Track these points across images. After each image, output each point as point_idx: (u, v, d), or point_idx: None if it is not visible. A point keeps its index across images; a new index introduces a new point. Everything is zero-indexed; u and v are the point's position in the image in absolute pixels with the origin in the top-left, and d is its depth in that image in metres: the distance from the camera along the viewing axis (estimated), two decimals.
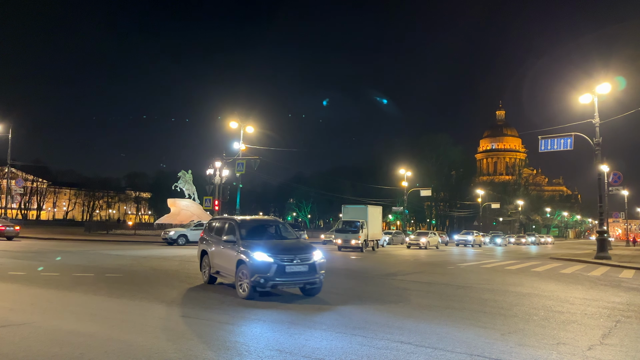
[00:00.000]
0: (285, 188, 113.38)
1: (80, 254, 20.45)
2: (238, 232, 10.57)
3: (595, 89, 24.54)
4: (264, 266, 9.40)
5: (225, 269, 10.82)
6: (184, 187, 51.49)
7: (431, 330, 7.56)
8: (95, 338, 6.56)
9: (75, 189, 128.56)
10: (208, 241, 12.06)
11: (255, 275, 9.39)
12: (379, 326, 7.82)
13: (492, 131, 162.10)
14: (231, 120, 32.60)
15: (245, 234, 10.61)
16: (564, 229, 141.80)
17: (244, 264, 9.70)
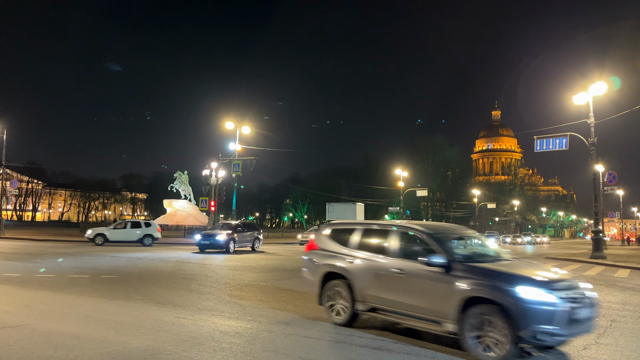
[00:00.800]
0: (281, 188, 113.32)
1: (75, 256, 20.37)
2: (443, 250, 6.64)
3: (590, 89, 24.63)
4: (545, 311, 5.68)
5: (412, 307, 6.77)
6: (180, 187, 51.45)
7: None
8: (90, 340, 6.54)
9: (70, 190, 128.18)
10: (339, 256, 7.98)
11: (531, 327, 5.61)
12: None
13: (488, 131, 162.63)
14: (227, 120, 32.59)
15: (453, 252, 6.71)
16: (559, 229, 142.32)
17: (492, 306, 5.88)
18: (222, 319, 8.15)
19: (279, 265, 18.67)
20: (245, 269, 16.83)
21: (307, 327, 7.70)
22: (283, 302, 10.04)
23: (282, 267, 18.16)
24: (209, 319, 8.17)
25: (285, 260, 21.35)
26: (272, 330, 7.43)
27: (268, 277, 14.61)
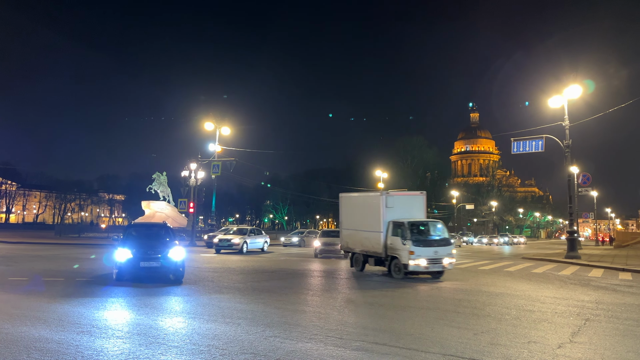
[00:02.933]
0: (261, 190, 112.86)
1: (50, 258, 19.96)
2: None
3: (565, 92, 25.13)
4: None
5: None
6: (159, 189, 50.86)
7: (405, 331, 7.62)
8: (65, 344, 6.41)
9: (45, 192, 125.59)
10: None
11: None
12: (354, 327, 7.86)
13: (466, 133, 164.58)
14: (207, 121, 32.33)
15: None
16: (536, 230, 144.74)
17: None
18: (201, 322, 8.07)
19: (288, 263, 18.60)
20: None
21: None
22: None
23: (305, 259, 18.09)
24: (186, 321, 8.08)
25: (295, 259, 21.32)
26: (251, 332, 7.39)
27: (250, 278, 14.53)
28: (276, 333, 7.27)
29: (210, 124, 32.15)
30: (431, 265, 14.38)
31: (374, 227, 15.98)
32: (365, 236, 16.56)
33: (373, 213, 16.11)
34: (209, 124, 32.18)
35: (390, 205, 15.37)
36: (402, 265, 14.46)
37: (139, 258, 12.11)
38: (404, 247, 14.34)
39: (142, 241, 13.07)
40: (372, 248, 16.10)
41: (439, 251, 14.44)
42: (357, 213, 17.73)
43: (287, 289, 12.69)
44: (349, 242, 17.91)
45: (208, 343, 6.63)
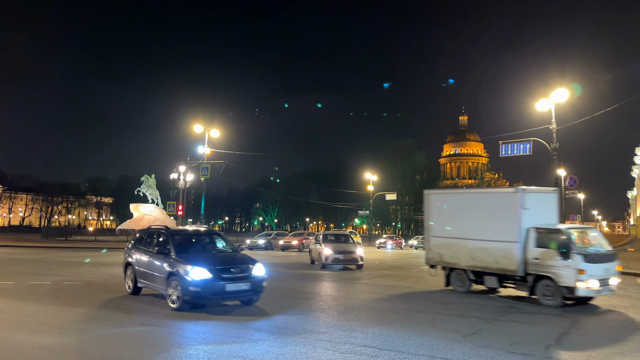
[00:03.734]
0: (251, 192, 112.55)
1: (36, 262, 19.73)
2: None
3: (552, 95, 25.36)
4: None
5: None
6: (147, 191, 50.46)
7: (394, 333, 7.64)
8: (50, 349, 6.35)
9: (32, 194, 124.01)
10: None
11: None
12: (343, 330, 7.86)
13: (455, 136, 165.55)
14: (196, 123, 32.16)
15: None
16: None
17: None
18: (194, 326, 8.02)
19: None
20: None
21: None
22: None
23: None
24: (175, 324, 8.03)
25: None
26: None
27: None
28: None
29: (199, 126, 31.97)
30: (603, 287, 10.51)
31: (500, 236, 11.98)
32: (482, 247, 12.39)
33: (499, 216, 12.24)
34: (198, 126, 32.00)
35: (528, 207, 11.59)
36: (560, 288, 10.46)
37: (222, 278, 9.07)
38: (565, 264, 10.38)
39: (207, 254, 10.34)
40: (496, 264, 11.95)
41: (609, 269, 10.76)
42: (465, 216, 13.24)
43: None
44: (444, 255, 13.54)
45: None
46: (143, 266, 10.61)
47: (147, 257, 10.53)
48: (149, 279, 10.35)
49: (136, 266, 10.83)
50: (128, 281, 11.17)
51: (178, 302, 9.08)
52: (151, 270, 10.23)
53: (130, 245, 11.70)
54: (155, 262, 10.09)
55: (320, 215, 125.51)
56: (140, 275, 10.68)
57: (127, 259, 11.35)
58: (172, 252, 9.81)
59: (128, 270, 11.25)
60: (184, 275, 8.96)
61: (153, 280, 10.16)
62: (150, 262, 10.35)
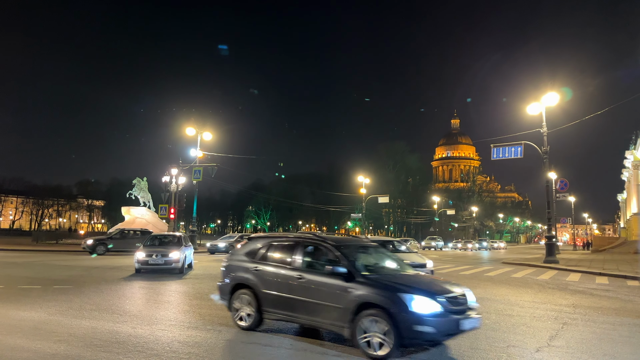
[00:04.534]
0: (243, 195, 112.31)
1: (26, 265, 19.56)
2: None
3: (542, 99, 25.61)
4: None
5: None
6: (139, 194, 50.17)
7: None
8: (41, 353, 6.30)
9: (22, 197, 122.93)
10: None
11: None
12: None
13: (448, 139, 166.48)
14: (188, 126, 32.12)
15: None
16: (515, 234, 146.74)
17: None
18: (181, 329, 7.99)
19: None
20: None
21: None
22: None
23: None
24: (166, 329, 7.99)
25: None
26: (232, 339, 7.34)
27: None
28: None
29: (191, 129, 31.96)
30: None
31: None
32: None
33: None
34: (190, 129, 31.99)
35: None
36: None
37: (453, 311, 6.39)
38: None
39: (400, 275, 7.32)
40: None
41: None
42: None
43: None
44: None
45: None
46: (282, 289, 7.41)
47: (290, 277, 7.36)
48: (299, 309, 7.13)
49: (264, 289, 7.64)
50: (243, 310, 7.88)
51: (386, 348, 6.20)
52: (307, 296, 7.08)
53: (236, 257, 8.55)
54: (320, 286, 6.95)
55: (313, 218, 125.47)
56: (275, 303, 7.47)
57: (237, 277, 8.16)
58: (353, 273, 6.75)
59: (241, 294, 7.98)
60: (402, 308, 6.13)
61: (312, 313, 7.01)
62: (302, 285, 7.15)
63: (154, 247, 17.58)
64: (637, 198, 56.40)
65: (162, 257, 16.57)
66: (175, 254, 16.70)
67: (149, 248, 17.36)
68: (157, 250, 17.06)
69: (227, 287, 8.31)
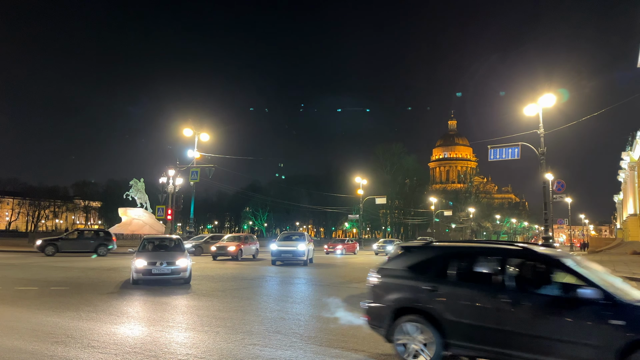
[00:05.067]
0: (241, 196, 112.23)
1: (23, 267, 19.50)
2: None
3: (539, 100, 25.65)
4: None
5: None
6: (136, 195, 50.17)
7: None
8: (38, 355, 6.28)
9: (18, 198, 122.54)
10: None
11: None
12: (353, 337, 7.86)
13: (445, 140, 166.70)
14: (185, 127, 32.07)
15: None
16: (512, 235, 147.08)
17: None
18: (179, 331, 7.98)
19: None
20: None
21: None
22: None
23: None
24: (164, 330, 7.98)
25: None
26: (232, 340, 7.34)
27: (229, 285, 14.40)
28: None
29: (189, 130, 31.90)
30: None
31: None
32: None
33: None
34: (187, 130, 31.93)
35: None
36: None
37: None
38: None
39: None
40: None
41: None
42: None
43: None
44: None
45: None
46: (485, 318, 5.65)
47: (500, 301, 5.58)
48: (518, 345, 5.37)
49: (451, 316, 5.88)
50: (414, 343, 6.10)
51: None
52: (533, 330, 5.34)
53: (392, 272, 6.74)
54: (555, 316, 5.24)
55: (311, 219, 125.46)
56: (471, 334, 5.72)
57: (402, 299, 6.38)
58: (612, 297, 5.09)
59: (408, 321, 6.20)
60: None
61: (541, 351, 5.24)
62: (521, 314, 5.43)
63: (155, 253, 14.78)
64: (634, 199, 56.58)
65: (169, 266, 13.85)
66: (182, 261, 14.10)
67: (150, 254, 14.47)
68: (161, 256, 14.26)
69: (385, 311, 6.39)
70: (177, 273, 13.99)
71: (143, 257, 14.07)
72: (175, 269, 13.93)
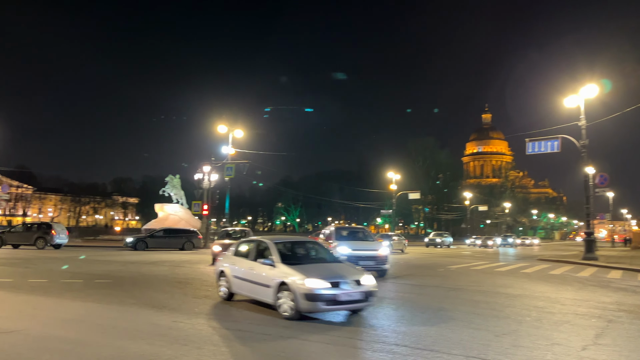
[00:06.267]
0: (273, 192, 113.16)
1: (67, 260, 20.15)
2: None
3: (581, 91, 24.84)
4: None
5: None
6: (172, 192, 51.06)
7: (425, 333, 7.56)
8: (86, 345, 6.45)
9: (60, 195, 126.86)
10: None
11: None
12: (374, 329, 7.82)
13: (479, 134, 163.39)
14: (220, 124, 32.49)
15: None
16: (550, 231, 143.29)
17: None
18: (219, 322, 8.07)
19: None
20: None
21: (306, 330, 7.65)
22: None
23: None
24: (206, 322, 8.09)
25: None
26: (270, 333, 7.38)
27: None
28: None
29: (223, 126, 32.32)
30: None
31: None
32: None
33: None
34: (222, 126, 32.35)
35: None
36: None
37: None
38: None
39: None
40: None
41: None
42: None
43: None
44: None
45: None
46: None
47: None
48: None
49: None
50: None
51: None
52: None
53: None
54: None
55: (342, 214, 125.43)
56: None
57: None
58: None
59: None
60: None
61: None
62: None
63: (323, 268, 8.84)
64: None
65: (357, 286, 8.38)
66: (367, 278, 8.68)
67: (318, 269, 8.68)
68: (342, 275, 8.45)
69: None
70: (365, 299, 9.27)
71: (312, 274, 8.60)
72: (369, 291, 8.78)
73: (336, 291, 8.01)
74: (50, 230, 28.65)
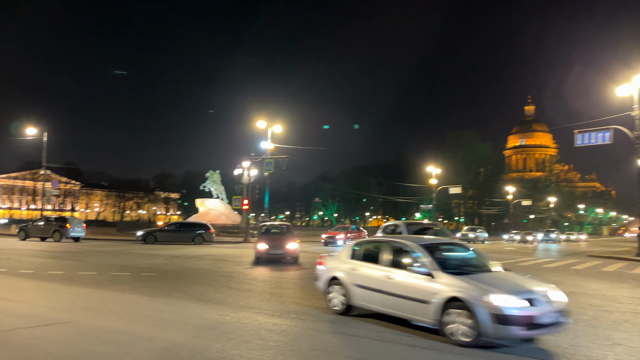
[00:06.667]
0: (310, 187, 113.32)
1: (114, 254, 20.76)
2: None
3: (634, 80, 23.65)
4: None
5: None
6: (212, 187, 51.94)
7: None
8: (137, 336, 6.56)
9: (106, 191, 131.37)
10: None
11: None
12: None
13: (521, 127, 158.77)
14: (259, 119, 32.70)
15: None
16: (597, 226, 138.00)
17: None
18: (266, 317, 8.07)
19: None
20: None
21: (353, 325, 7.54)
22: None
23: None
24: (252, 316, 8.10)
25: None
26: (318, 329, 7.31)
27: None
28: None
29: (262, 122, 32.52)
30: None
31: None
32: None
33: None
34: (261, 122, 32.56)
35: None
36: None
37: None
38: None
39: None
40: None
41: None
42: None
43: None
44: None
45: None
46: None
47: None
48: None
49: None
50: None
51: None
52: None
53: None
54: None
55: (380, 209, 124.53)
56: None
57: None
58: None
59: None
60: None
61: None
62: None
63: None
64: None
65: (551, 303, 6.65)
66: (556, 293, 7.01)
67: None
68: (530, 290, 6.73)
69: None
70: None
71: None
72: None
73: (535, 311, 6.22)
74: (66, 224, 29.73)
